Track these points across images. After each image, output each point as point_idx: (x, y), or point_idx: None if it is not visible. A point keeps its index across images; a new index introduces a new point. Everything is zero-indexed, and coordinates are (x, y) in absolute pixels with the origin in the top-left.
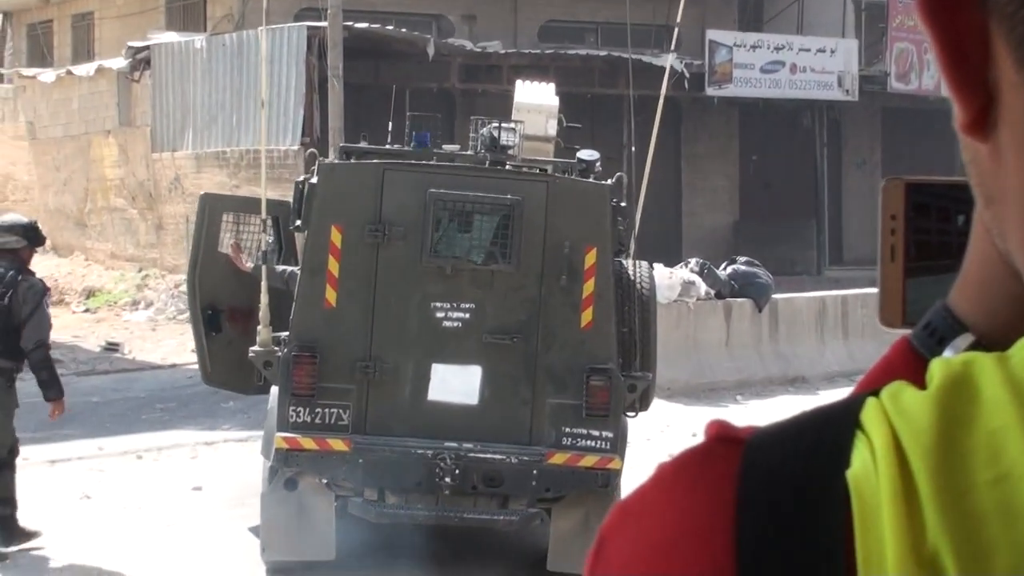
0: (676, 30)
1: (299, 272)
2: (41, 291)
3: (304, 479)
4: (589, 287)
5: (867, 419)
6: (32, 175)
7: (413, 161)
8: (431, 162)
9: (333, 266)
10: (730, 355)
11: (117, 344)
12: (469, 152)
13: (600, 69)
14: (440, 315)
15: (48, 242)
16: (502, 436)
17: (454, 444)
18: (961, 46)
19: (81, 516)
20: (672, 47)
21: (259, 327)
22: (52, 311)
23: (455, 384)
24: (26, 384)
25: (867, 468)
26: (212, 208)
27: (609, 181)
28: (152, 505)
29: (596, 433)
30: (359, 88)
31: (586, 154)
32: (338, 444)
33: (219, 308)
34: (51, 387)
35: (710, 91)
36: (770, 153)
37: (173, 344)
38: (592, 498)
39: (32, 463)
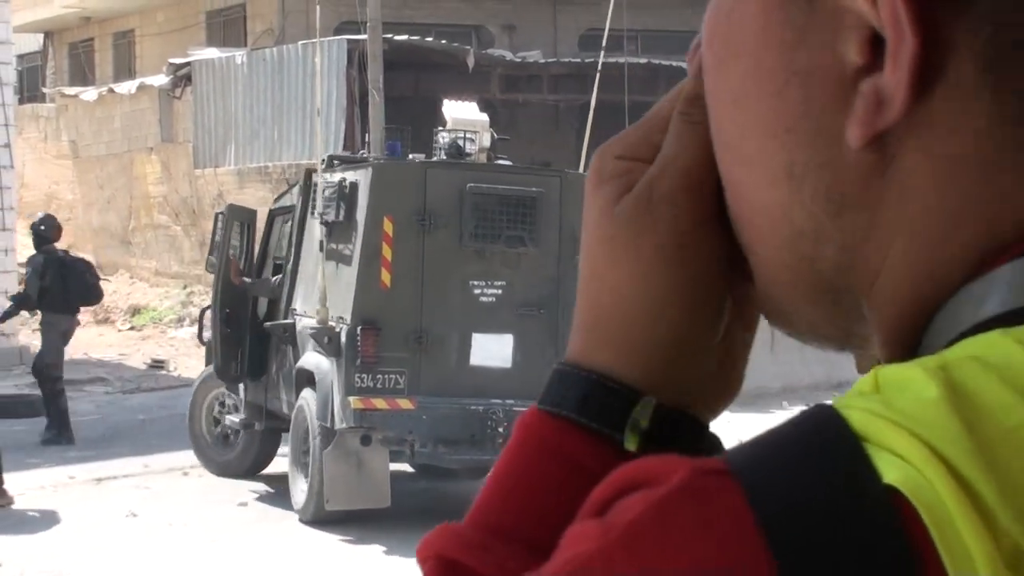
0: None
1: (287, 276)
2: None
3: (358, 437)
4: None
5: (871, 431)
6: (76, 194)
7: (451, 160)
8: (465, 161)
9: (387, 252)
10: (775, 360)
11: (162, 361)
12: (435, 159)
13: (640, 77)
14: (477, 292)
15: (93, 260)
16: (532, 394)
17: (498, 401)
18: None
19: (127, 534)
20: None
21: (318, 307)
22: (98, 329)
23: (492, 350)
24: (75, 404)
25: (915, 478)
26: (232, 219)
27: None
28: (198, 522)
29: None
30: (400, 100)
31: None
32: (405, 403)
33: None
34: None
35: None
36: None
37: None
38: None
39: (78, 481)
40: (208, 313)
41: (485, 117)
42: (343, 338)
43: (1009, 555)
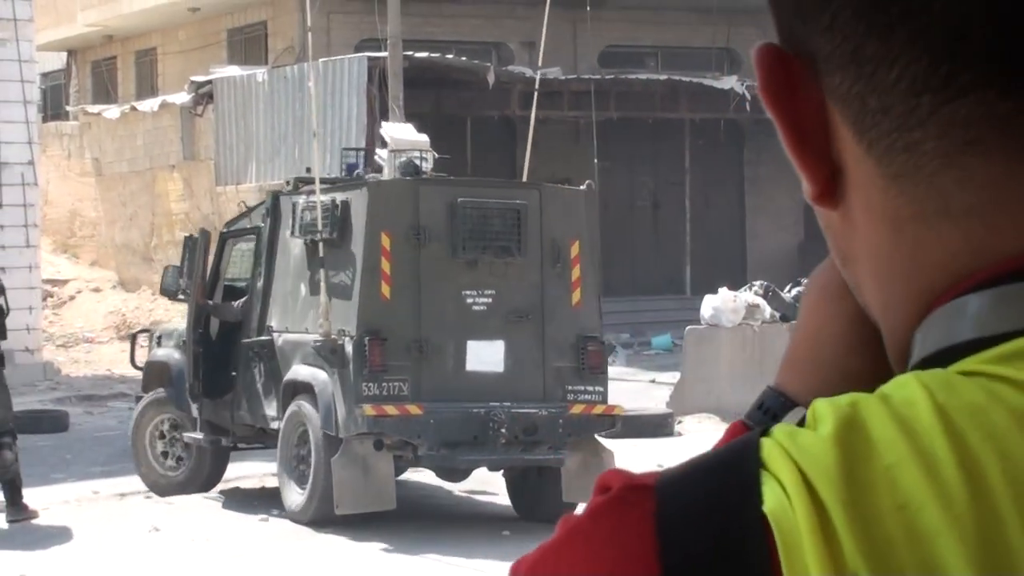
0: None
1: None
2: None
3: (363, 443)
4: (576, 272)
5: (769, 459)
6: (99, 211)
7: (441, 176)
8: (452, 178)
9: (385, 266)
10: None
11: None
12: (389, 176)
13: (661, 93)
14: (470, 301)
15: (115, 277)
16: (523, 395)
17: (496, 404)
18: (803, 125)
19: (151, 549)
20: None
21: (321, 320)
22: (120, 345)
23: (486, 356)
24: (98, 419)
25: (782, 503)
26: (203, 243)
27: (582, 187)
28: (220, 537)
29: (592, 388)
30: (421, 117)
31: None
32: (414, 409)
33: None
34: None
35: None
36: None
37: None
38: (585, 443)
39: (102, 496)
40: (141, 337)
41: (425, 137)
42: (348, 349)
43: None
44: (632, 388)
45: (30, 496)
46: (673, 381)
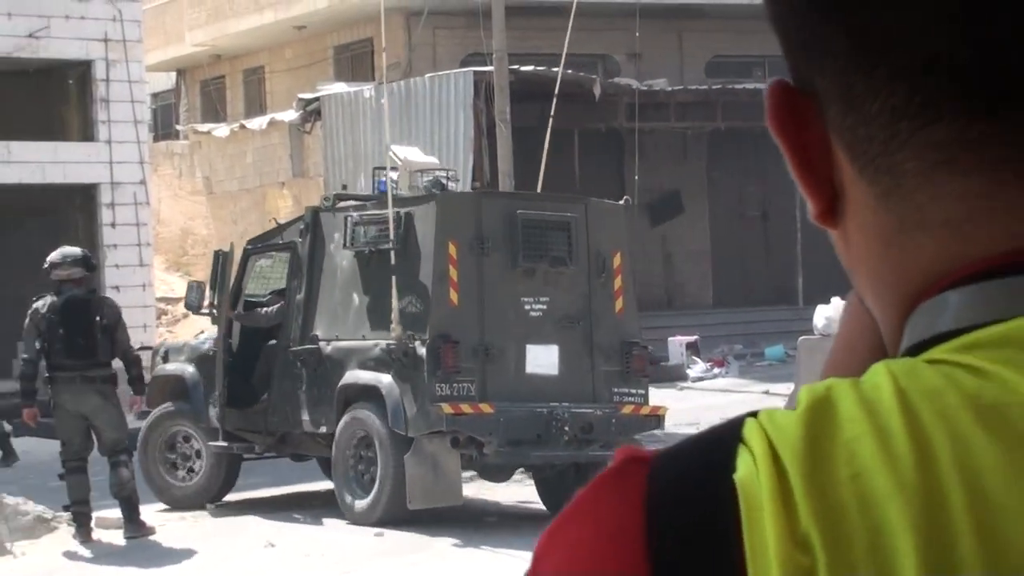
0: None
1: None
2: (118, 306)
3: (433, 441)
4: (618, 282)
5: (748, 434)
6: (210, 229)
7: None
8: (512, 191)
9: (453, 273)
10: None
11: None
12: (418, 194)
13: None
14: (527, 307)
15: None
16: (575, 397)
17: (555, 404)
18: (808, 155)
19: (266, 564)
20: None
21: (393, 325)
22: None
23: (542, 359)
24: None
25: (750, 472)
26: (231, 257)
27: (621, 202)
28: (334, 552)
29: (635, 390)
30: (527, 131)
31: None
32: (486, 408)
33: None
34: (138, 384)
35: None
36: None
37: None
38: (626, 442)
39: (217, 511)
40: (161, 352)
41: (434, 159)
42: (420, 352)
43: (801, 540)
44: (746, 399)
45: (146, 513)
46: (787, 392)
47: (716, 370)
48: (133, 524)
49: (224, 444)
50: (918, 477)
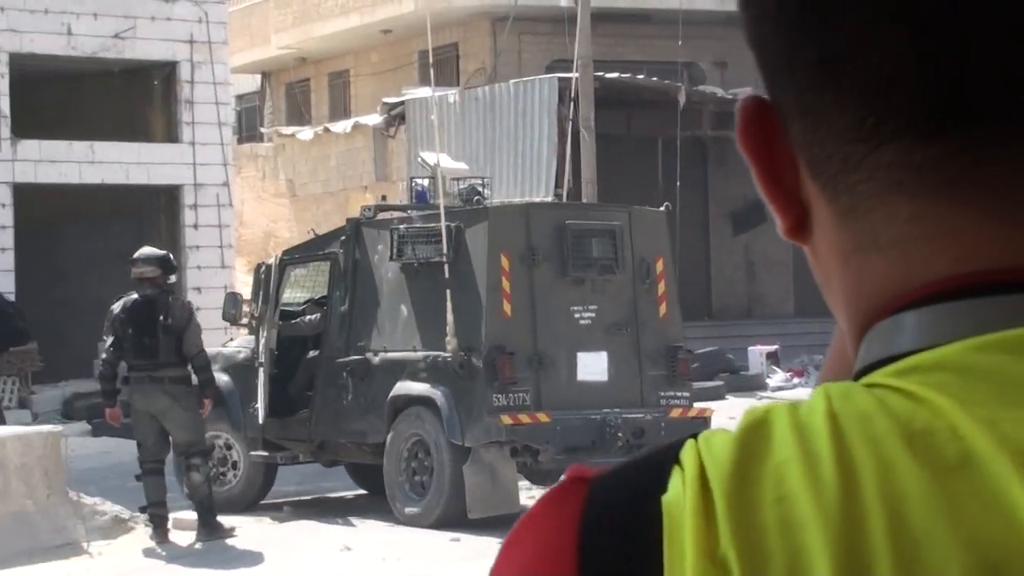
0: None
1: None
2: (191, 306)
3: (490, 451)
4: (662, 287)
5: (684, 455)
6: (293, 232)
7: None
8: (559, 202)
9: (505, 285)
10: None
11: None
12: (456, 204)
13: None
14: (577, 315)
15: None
16: (625, 402)
17: (608, 410)
18: (775, 170)
19: (342, 568)
20: None
21: (449, 337)
22: None
23: (593, 366)
24: None
25: (678, 493)
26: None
27: (661, 209)
28: (411, 556)
29: (680, 393)
30: (611, 138)
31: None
32: (543, 417)
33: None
34: (208, 387)
35: None
36: None
37: None
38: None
39: (294, 514)
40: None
41: (464, 165)
42: (476, 364)
43: (720, 561)
44: None
45: (224, 516)
46: None
47: (796, 380)
48: (207, 527)
49: (265, 454)
50: (840, 502)
